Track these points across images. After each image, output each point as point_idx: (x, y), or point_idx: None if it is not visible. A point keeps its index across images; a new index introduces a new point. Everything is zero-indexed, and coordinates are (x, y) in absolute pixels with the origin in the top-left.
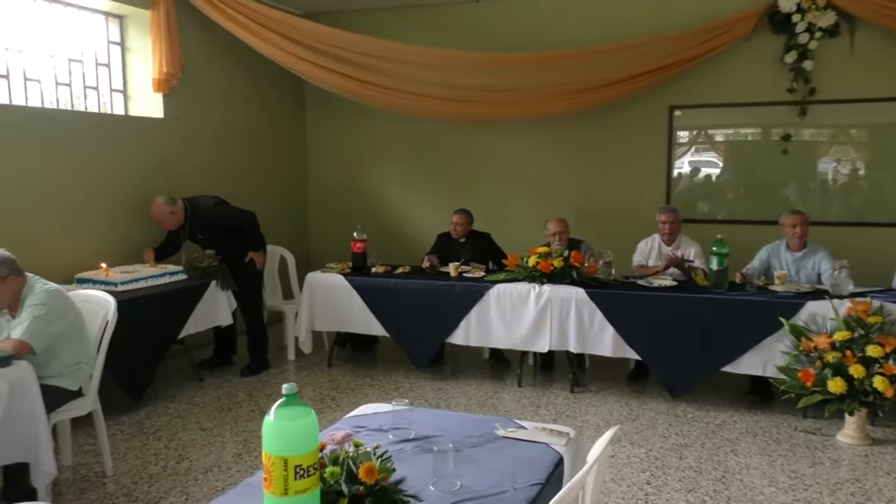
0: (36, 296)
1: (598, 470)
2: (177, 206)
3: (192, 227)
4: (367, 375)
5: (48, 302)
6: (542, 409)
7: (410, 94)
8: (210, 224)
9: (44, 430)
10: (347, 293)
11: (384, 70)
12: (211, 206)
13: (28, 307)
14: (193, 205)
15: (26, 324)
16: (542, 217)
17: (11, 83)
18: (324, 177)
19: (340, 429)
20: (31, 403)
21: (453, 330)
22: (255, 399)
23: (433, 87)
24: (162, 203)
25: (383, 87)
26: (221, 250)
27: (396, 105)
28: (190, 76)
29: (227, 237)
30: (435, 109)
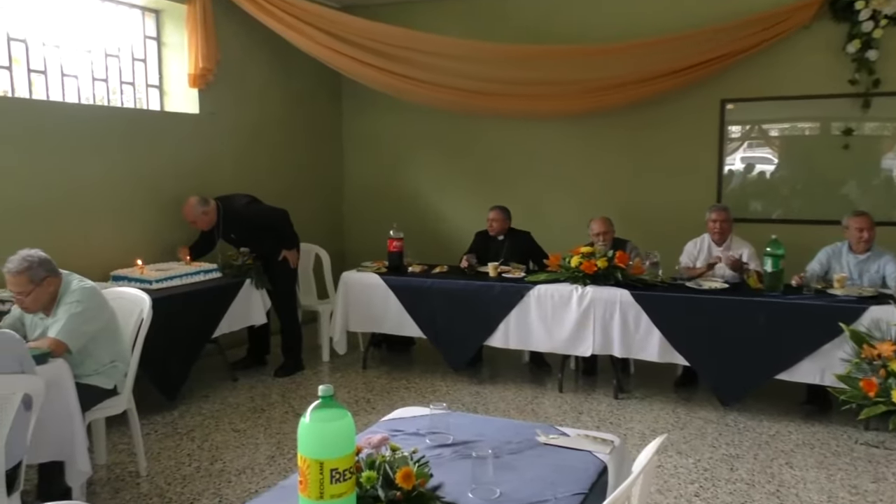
0: (72, 293)
1: (645, 480)
2: (209, 207)
3: (224, 226)
4: (403, 378)
5: (84, 300)
6: (585, 415)
7: (448, 88)
8: (243, 223)
9: (79, 428)
10: (383, 293)
11: (422, 63)
12: (243, 206)
13: (65, 305)
14: (226, 204)
15: (62, 322)
16: (584, 216)
17: (49, 79)
18: (360, 174)
19: (377, 432)
20: (67, 402)
21: (492, 332)
22: (289, 400)
23: (472, 81)
24: (194, 203)
25: (420, 81)
26: (255, 249)
27: (434, 99)
28: (226, 71)
29: (261, 236)
30: (473, 104)
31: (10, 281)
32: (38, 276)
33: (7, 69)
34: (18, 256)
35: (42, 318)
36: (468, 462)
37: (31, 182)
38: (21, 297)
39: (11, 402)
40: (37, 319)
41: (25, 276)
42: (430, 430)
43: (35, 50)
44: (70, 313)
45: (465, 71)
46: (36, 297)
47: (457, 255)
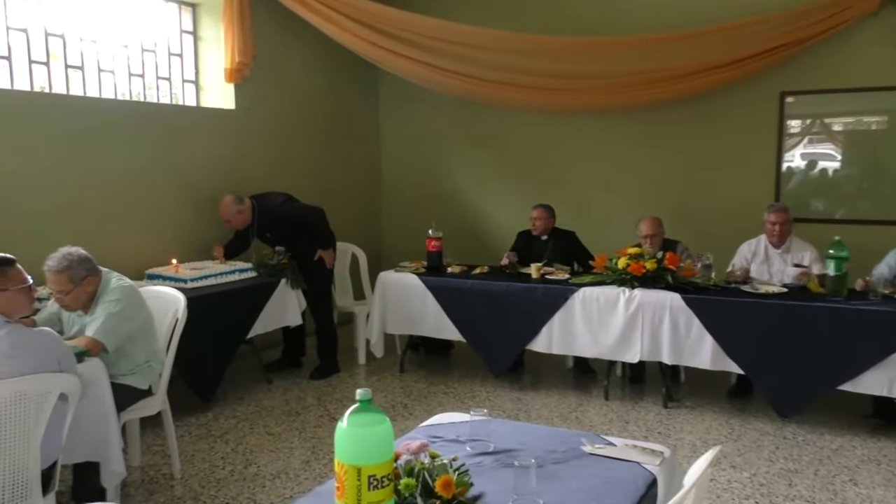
0: (111, 292)
1: (697, 494)
2: (244, 206)
3: (260, 226)
4: (441, 382)
5: (123, 299)
6: (632, 424)
7: (490, 82)
8: (278, 222)
9: (114, 429)
10: (421, 294)
11: (462, 56)
12: (278, 204)
13: (103, 303)
14: (261, 203)
15: (100, 321)
16: (632, 215)
17: (86, 74)
18: (398, 171)
19: (415, 438)
20: (102, 402)
21: (534, 336)
22: (325, 404)
23: (514, 75)
24: (229, 202)
25: (461, 75)
26: (291, 248)
27: (475, 93)
28: (262, 66)
29: (296, 235)
30: (516, 98)
31: (49, 279)
32: (77, 275)
33: (45, 65)
34: (59, 254)
35: (80, 315)
36: (510, 471)
37: (68, 179)
38: (61, 296)
39: (48, 402)
40: (74, 316)
41: (65, 276)
42: (470, 437)
43: (72, 45)
44: (108, 312)
45: (507, 63)
46: (75, 296)
47: (498, 256)
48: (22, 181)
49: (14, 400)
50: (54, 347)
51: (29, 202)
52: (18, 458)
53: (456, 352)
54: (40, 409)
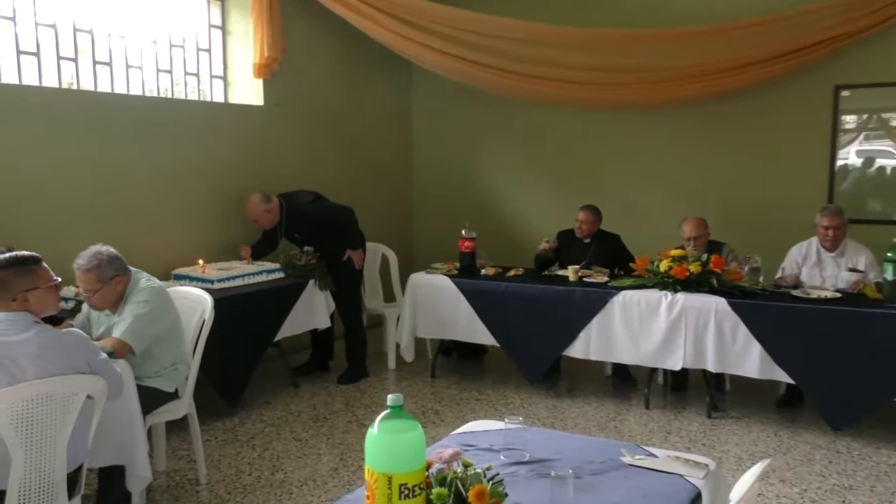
0: (140, 293)
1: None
2: (272, 205)
3: (287, 225)
4: (474, 389)
5: (151, 300)
6: (674, 435)
7: (528, 77)
8: (306, 222)
9: (140, 432)
10: (454, 297)
11: (497, 50)
12: (307, 203)
13: (131, 304)
14: (289, 202)
15: (128, 322)
16: (676, 216)
17: (114, 70)
18: (430, 169)
19: (448, 446)
20: (128, 404)
21: (571, 341)
22: (353, 409)
23: (554, 69)
24: (257, 201)
25: (498, 69)
26: (319, 248)
27: (513, 89)
28: (291, 61)
29: (325, 235)
30: (555, 94)
31: (78, 278)
32: (106, 274)
33: (73, 61)
34: (89, 253)
35: (107, 314)
36: (546, 482)
37: (94, 177)
38: (88, 295)
39: (75, 403)
40: (102, 316)
41: (94, 275)
42: (504, 446)
43: (101, 41)
44: (136, 313)
45: (544, 57)
46: (103, 295)
47: (533, 256)
48: (48, 179)
49: (41, 401)
50: (83, 348)
51: (55, 200)
52: (45, 460)
53: (489, 357)
54: (67, 410)
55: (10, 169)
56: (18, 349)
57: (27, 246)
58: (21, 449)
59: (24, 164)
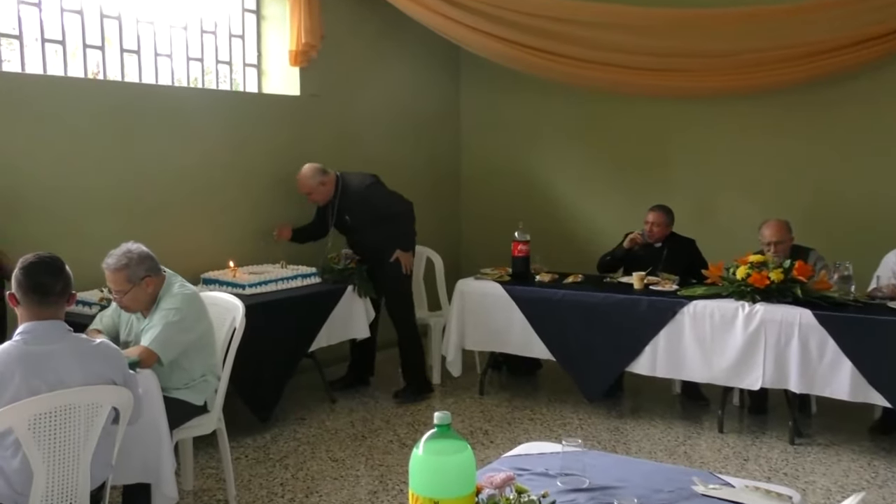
0: (172, 298)
1: None
2: (328, 177)
3: (341, 205)
4: (527, 407)
5: (183, 307)
6: (751, 462)
7: (589, 63)
8: (361, 206)
9: (166, 448)
10: (505, 305)
11: (555, 34)
12: (366, 186)
13: (162, 310)
14: (346, 180)
15: (157, 329)
16: (755, 218)
17: (142, 59)
18: (480, 165)
19: (499, 470)
20: (154, 418)
21: (636, 356)
22: (394, 427)
23: (618, 54)
24: (312, 172)
25: (556, 55)
26: (365, 243)
27: (572, 76)
28: (330, 47)
29: (377, 227)
30: (620, 81)
31: (107, 277)
32: (136, 275)
33: (99, 49)
34: (119, 251)
35: (138, 318)
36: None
37: (119, 172)
38: (118, 297)
39: (99, 415)
40: (133, 319)
41: (123, 275)
42: (561, 471)
43: (128, 28)
44: (166, 321)
45: (607, 42)
46: (134, 296)
47: (594, 262)
48: (71, 174)
49: (64, 412)
50: (120, 359)
51: (77, 197)
52: (68, 476)
53: (544, 372)
54: (91, 423)
55: (32, 164)
56: (60, 358)
57: (47, 246)
58: (43, 463)
59: (46, 159)
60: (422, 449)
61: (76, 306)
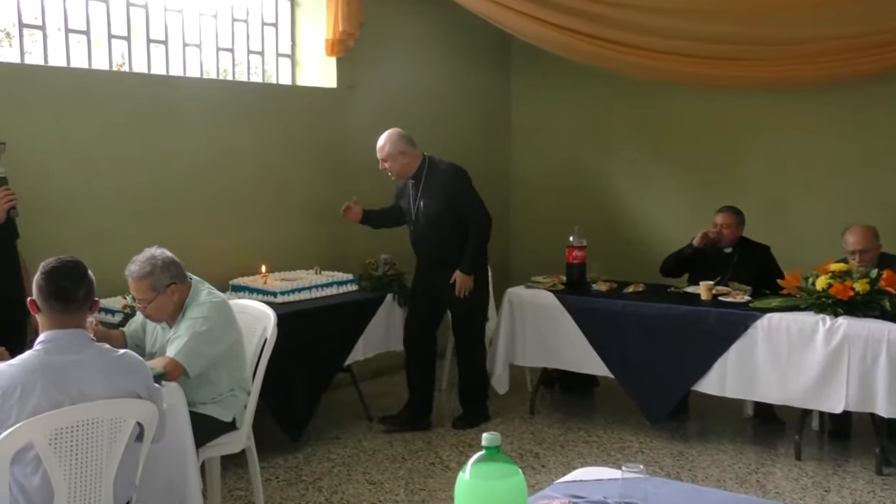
0: (200, 307)
1: None
2: (413, 151)
3: (424, 189)
4: (582, 428)
5: (211, 317)
6: (833, 494)
7: (653, 53)
8: (444, 194)
9: (192, 467)
10: (559, 317)
11: (618, 21)
12: (459, 173)
13: (189, 319)
14: (434, 162)
15: (184, 340)
16: (837, 223)
17: (169, 49)
18: (532, 164)
19: (552, 497)
20: (180, 434)
21: (703, 374)
22: (436, 449)
23: (685, 43)
24: (396, 136)
25: (616, 44)
26: (429, 236)
27: (635, 67)
28: (369, 36)
29: (448, 226)
30: (687, 72)
31: (131, 285)
32: (160, 282)
33: (125, 39)
34: (143, 257)
35: (164, 328)
36: None
37: (144, 169)
38: (142, 305)
39: (123, 430)
40: (158, 329)
41: (147, 282)
42: (621, 499)
43: (156, 17)
44: (193, 331)
45: (676, 29)
46: (159, 305)
47: (656, 268)
48: (94, 171)
49: (86, 426)
50: (144, 371)
51: (100, 196)
52: (90, 495)
53: (601, 391)
54: (114, 438)
55: (53, 162)
56: (83, 370)
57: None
58: (64, 481)
59: (68, 156)
60: (468, 473)
61: (98, 314)
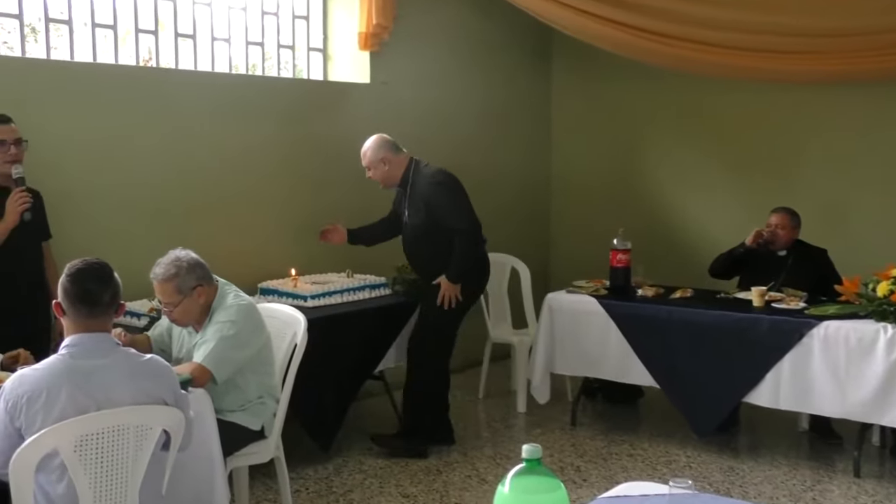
0: (227, 310)
1: None
2: (396, 157)
3: (410, 195)
4: (626, 441)
5: (239, 320)
6: None
7: (703, 45)
8: (421, 205)
9: (220, 477)
10: (601, 324)
11: (666, 11)
12: (434, 182)
13: (216, 323)
14: (418, 169)
15: (211, 344)
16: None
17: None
18: (573, 163)
19: None
20: (207, 443)
21: (755, 385)
22: (473, 461)
23: (737, 34)
24: (377, 144)
25: (664, 36)
26: (416, 250)
27: (682, 60)
28: (404, 30)
29: (430, 238)
30: (741, 65)
31: (156, 289)
32: (187, 284)
33: (152, 34)
34: (167, 259)
35: (190, 332)
36: None
37: (172, 168)
38: (168, 309)
39: (149, 438)
40: (185, 334)
41: (173, 285)
42: None
43: (183, 11)
44: (221, 335)
45: (727, 20)
46: (185, 309)
47: (704, 272)
48: (120, 170)
49: (112, 434)
50: (171, 377)
51: (126, 196)
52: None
53: (646, 401)
54: (140, 447)
55: (79, 161)
56: (109, 375)
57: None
58: (90, 489)
59: (93, 154)
60: (508, 486)
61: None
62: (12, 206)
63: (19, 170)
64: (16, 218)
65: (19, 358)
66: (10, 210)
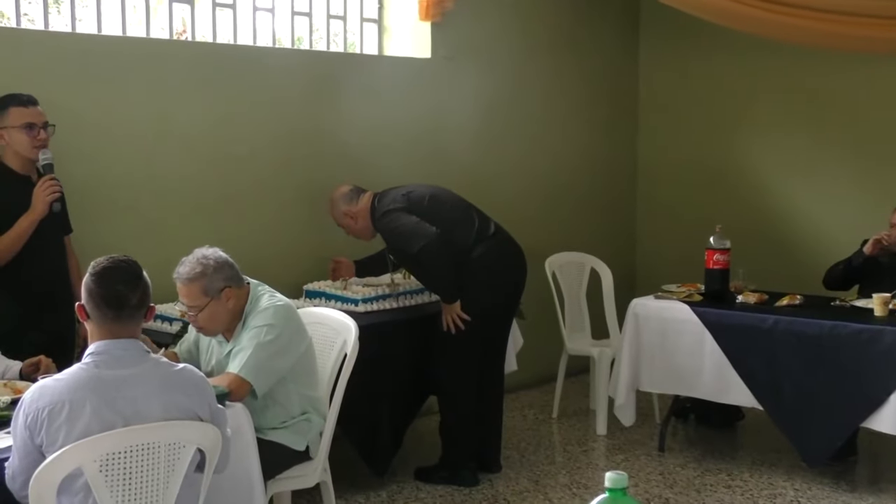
0: (262, 314)
1: None
2: (356, 207)
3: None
4: (723, 470)
5: (277, 324)
6: None
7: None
8: (387, 241)
9: (260, 502)
10: (695, 334)
11: None
12: (378, 218)
13: (251, 329)
14: (374, 203)
15: (248, 352)
16: None
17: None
18: (663, 153)
19: None
20: (246, 463)
21: (877, 408)
22: (545, 490)
23: None
24: (337, 199)
25: (775, 3)
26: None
27: (797, 31)
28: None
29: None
30: (861, 36)
31: (179, 290)
32: (214, 286)
33: (188, 3)
34: (192, 258)
35: (220, 342)
36: None
37: (209, 155)
38: (193, 314)
39: (182, 457)
40: (213, 344)
41: (198, 286)
42: None
43: None
44: (258, 342)
45: None
46: (211, 313)
47: (816, 276)
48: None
49: (141, 452)
50: (207, 388)
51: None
52: None
53: (746, 425)
54: (172, 467)
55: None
56: (138, 386)
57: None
58: None
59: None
60: None
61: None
62: (41, 196)
63: (48, 155)
64: (45, 208)
65: (40, 365)
66: (38, 199)
